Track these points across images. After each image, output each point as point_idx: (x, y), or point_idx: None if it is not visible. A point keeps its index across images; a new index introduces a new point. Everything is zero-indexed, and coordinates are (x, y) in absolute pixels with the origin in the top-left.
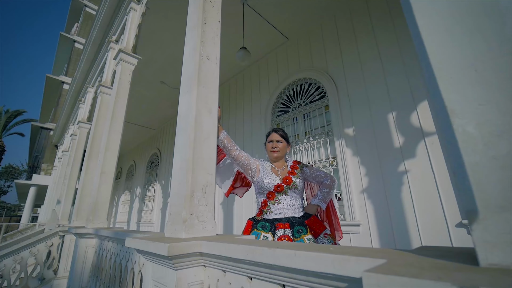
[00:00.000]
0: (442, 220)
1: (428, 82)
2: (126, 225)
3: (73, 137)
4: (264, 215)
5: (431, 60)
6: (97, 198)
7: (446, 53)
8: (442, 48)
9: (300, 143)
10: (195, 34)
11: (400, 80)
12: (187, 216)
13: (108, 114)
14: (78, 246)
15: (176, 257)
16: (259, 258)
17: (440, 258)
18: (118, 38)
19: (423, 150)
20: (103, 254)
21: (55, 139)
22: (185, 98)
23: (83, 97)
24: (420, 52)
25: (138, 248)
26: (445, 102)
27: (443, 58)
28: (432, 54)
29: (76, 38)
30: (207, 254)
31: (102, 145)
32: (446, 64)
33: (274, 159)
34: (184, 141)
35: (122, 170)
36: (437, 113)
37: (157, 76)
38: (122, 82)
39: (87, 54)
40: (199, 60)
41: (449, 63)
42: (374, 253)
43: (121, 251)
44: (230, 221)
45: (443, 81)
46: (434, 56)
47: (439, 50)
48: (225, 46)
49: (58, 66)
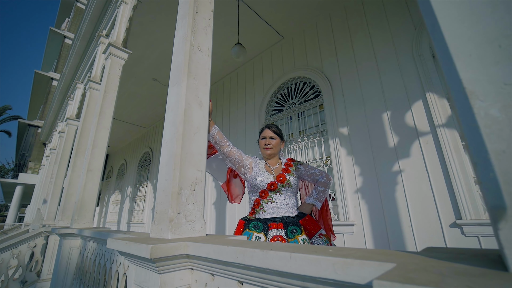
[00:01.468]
0: (436, 220)
1: (442, 61)
2: (116, 225)
3: (61, 135)
4: (257, 214)
5: (446, 35)
6: (82, 197)
7: (464, 26)
8: (459, 21)
9: (294, 142)
10: (186, 23)
11: (394, 79)
12: (174, 215)
13: (96, 109)
14: (61, 247)
15: (160, 260)
16: (250, 261)
17: (455, 261)
18: (109, 32)
19: (417, 150)
20: (87, 255)
21: (43, 136)
22: (174, 90)
23: (72, 93)
24: (432, 26)
25: (119, 250)
26: (464, 83)
27: (460, 33)
28: (446, 28)
29: (66, 33)
30: (194, 256)
31: (89, 141)
32: (463, 40)
33: (268, 156)
34: (172, 134)
35: (113, 169)
36: (454, 96)
37: (149, 73)
38: (111, 77)
39: (76, 49)
40: (190, 50)
41: (468, 38)
42: (379, 255)
43: (105, 252)
44: (223, 221)
45: (461, 59)
46: (449, 30)
47: (455, 24)
48: (219, 43)
49: (47, 62)
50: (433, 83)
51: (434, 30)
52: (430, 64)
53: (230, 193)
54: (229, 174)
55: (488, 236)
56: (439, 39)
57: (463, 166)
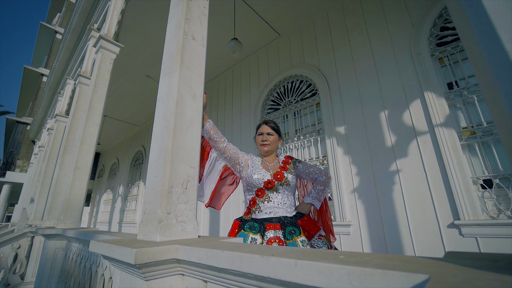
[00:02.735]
0: (434, 220)
1: (477, 33)
2: (107, 225)
3: (50, 132)
4: (253, 214)
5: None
6: (69, 196)
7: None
8: None
9: (290, 141)
10: (179, 10)
11: (392, 78)
12: (164, 215)
13: (86, 104)
14: (46, 248)
15: (146, 265)
16: (249, 268)
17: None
18: (100, 26)
19: (415, 150)
20: (72, 257)
21: (32, 134)
22: (165, 80)
23: (62, 89)
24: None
25: (102, 254)
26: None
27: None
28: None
29: (57, 29)
30: (185, 261)
31: (77, 138)
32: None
33: (264, 153)
34: (162, 128)
35: (105, 168)
36: (495, 73)
37: (143, 69)
38: (102, 71)
39: (66, 43)
40: (183, 39)
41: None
42: (403, 263)
43: (91, 254)
44: (216, 222)
45: (506, 29)
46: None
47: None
48: (214, 40)
49: (37, 57)
50: (431, 82)
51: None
52: (428, 63)
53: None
54: (224, 173)
55: (487, 237)
56: (476, 7)
57: (461, 166)
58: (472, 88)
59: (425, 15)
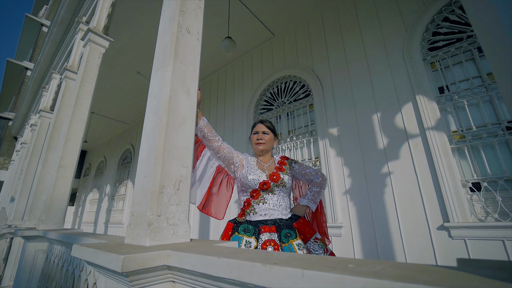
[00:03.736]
0: (424, 222)
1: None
2: (93, 225)
3: (33, 128)
4: (247, 216)
5: None
6: (52, 195)
7: None
8: None
9: (283, 142)
10: (174, 2)
11: (385, 81)
12: (154, 217)
13: (72, 99)
14: (25, 251)
15: (134, 273)
16: (249, 278)
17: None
18: (89, 19)
19: (406, 152)
20: (54, 261)
21: (14, 130)
22: (157, 74)
23: (47, 84)
24: None
25: (86, 260)
26: None
27: None
28: None
29: (44, 21)
30: (177, 269)
31: (62, 134)
32: None
33: (259, 152)
34: (154, 125)
35: (91, 167)
36: None
37: (133, 65)
38: (90, 65)
39: (53, 36)
40: (177, 32)
41: None
42: (423, 274)
43: (74, 258)
44: (206, 223)
45: None
46: None
47: None
48: (207, 38)
49: (22, 50)
50: (423, 86)
51: None
52: (420, 67)
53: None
54: (217, 174)
55: (475, 239)
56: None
57: (452, 169)
58: (462, 93)
59: (418, 19)
